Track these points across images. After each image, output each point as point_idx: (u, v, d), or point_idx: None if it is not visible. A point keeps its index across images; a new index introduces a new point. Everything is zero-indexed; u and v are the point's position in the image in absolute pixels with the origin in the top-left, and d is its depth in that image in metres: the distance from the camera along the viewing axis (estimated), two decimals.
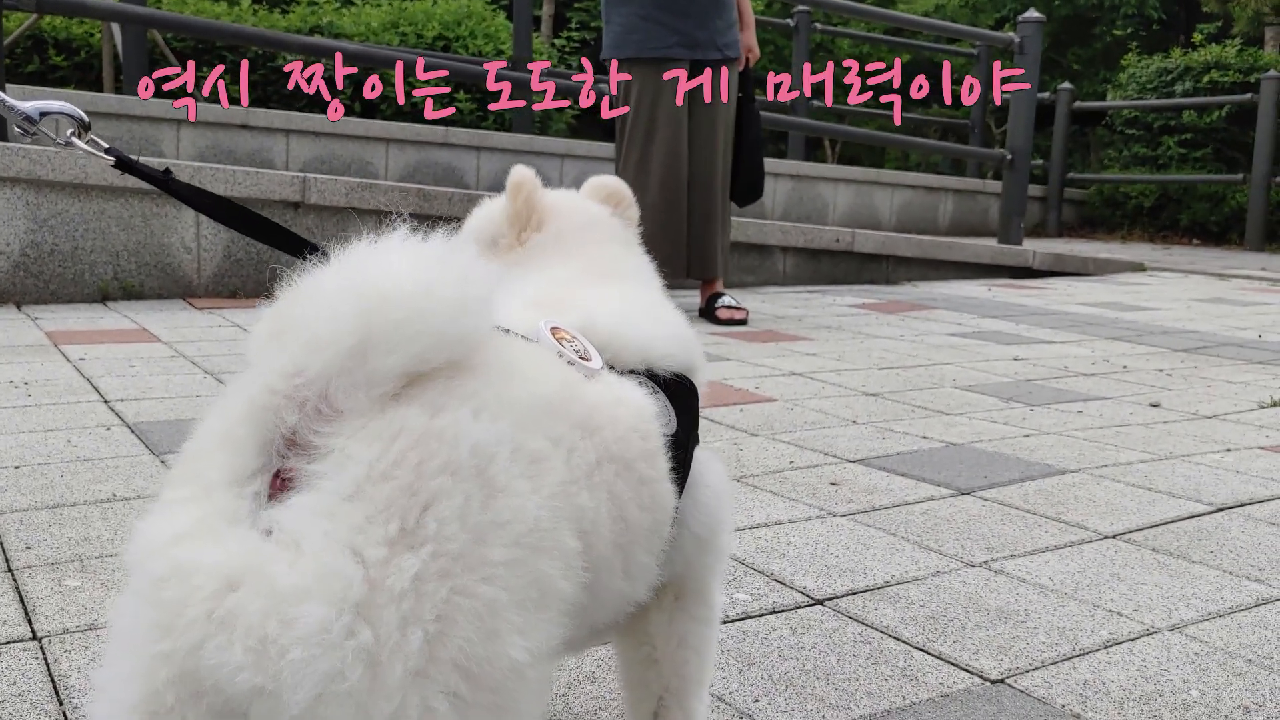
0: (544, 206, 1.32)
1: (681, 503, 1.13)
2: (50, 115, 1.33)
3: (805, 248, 6.89)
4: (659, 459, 1.06)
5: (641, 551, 1.04)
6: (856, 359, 4.30)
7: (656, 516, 1.05)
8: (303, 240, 1.22)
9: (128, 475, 2.41)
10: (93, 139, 1.35)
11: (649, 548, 1.05)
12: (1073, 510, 2.42)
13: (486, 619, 0.80)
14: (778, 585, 1.93)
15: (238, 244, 5.25)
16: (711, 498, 1.19)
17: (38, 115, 1.32)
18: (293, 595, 0.76)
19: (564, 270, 1.26)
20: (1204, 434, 3.20)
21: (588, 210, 1.36)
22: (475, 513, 0.81)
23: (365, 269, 0.84)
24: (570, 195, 1.39)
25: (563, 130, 11.35)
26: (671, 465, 1.08)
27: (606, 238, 1.33)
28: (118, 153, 1.33)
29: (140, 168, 1.32)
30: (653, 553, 1.07)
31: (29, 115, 1.31)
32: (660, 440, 1.07)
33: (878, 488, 2.55)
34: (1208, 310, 6.32)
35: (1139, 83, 12.76)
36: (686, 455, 1.14)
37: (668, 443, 1.08)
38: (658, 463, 1.06)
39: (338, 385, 0.81)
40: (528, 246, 1.30)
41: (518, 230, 1.30)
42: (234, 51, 9.75)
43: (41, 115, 1.32)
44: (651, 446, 1.05)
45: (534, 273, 1.27)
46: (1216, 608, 1.90)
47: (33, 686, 1.47)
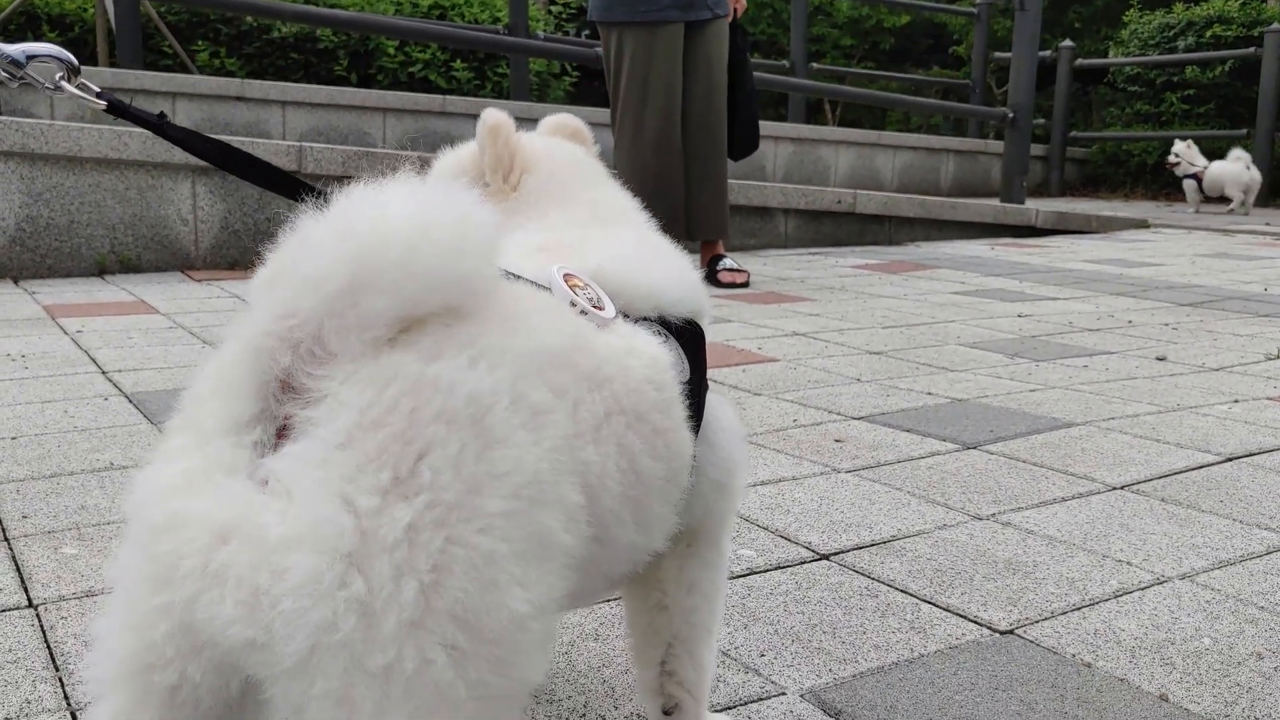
0: (525, 149, 1.27)
1: (698, 449, 1.10)
2: (38, 58, 1.29)
3: (807, 210, 6.85)
4: (675, 408, 1.03)
5: (657, 503, 1.01)
6: (860, 318, 4.27)
7: (673, 466, 1.03)
8: (299, 182, 1.18)
9: (125, 444, 2.39)
10: (83, 83, 1.31)
11: (665, 498, 1.03)
12: (1080, 462, 2.39)
13: (484, 570, 0.78)
14: (783, 541, 1.91)
15: (235, 215, 5.21)
16: (727, 440, 1.16)
17: (24, 59, 1.28)
18: (283, 545, 0.74)
19: (566, 214, 1.22)
20: (1211, 386, 3.17)
21: (569, 151, 1.31)
22: (471, 462, 0.79)
23: (360, 210, 0.81)
24: (545, 137, 1.33)
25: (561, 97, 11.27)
26: (687, 413, 1.06)
27: (599, 179, 1.29)
28: (110, 97, 1.29)
29: (134, 111, 1.29)
30: (670, 502, 1.04)
31: (15, 59, 1.27)
32: (676, 389, 1.04)
33: (882, 444, 2.52)
34: (1212, 265, 6.28)
35: (1141, 39, 12.66)
36: (700, 401, 1.11)
37: (683, 391, 1.05)
38: (673, 412, 1.03)
39: (330, 327, 0.78)
40: (522, 191, 1.27)
41: (503, 174, 1.25)
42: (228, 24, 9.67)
43: (29, 59, 1.28)
44: (666, 396, 1.02)
45: (534, 218, 1.23)
46: (1227, 556, 1.88)
47: (29, 653, 1.45)
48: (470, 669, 0.77)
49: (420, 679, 0.75)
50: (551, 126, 1.36)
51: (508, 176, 1.24)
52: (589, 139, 1.36)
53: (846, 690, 1.41)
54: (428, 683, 0.76)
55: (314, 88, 8.61)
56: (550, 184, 1.25)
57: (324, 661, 0.74)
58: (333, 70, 9.87)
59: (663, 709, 1.21)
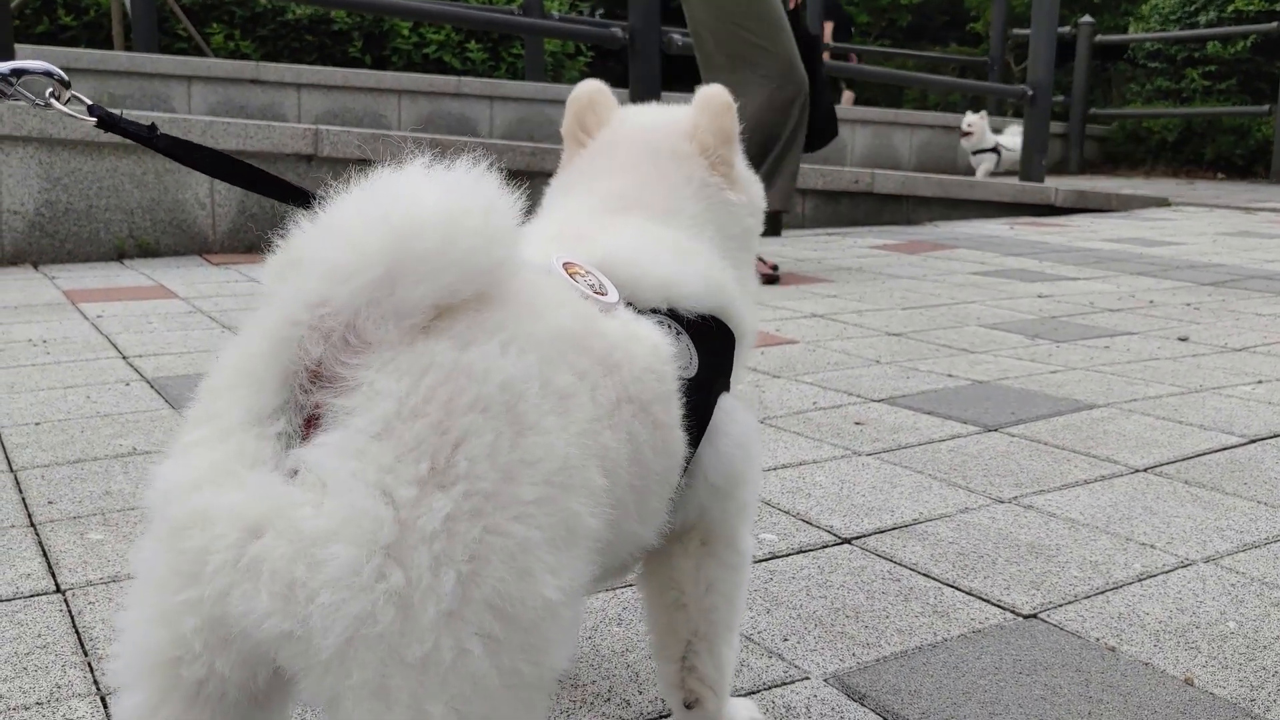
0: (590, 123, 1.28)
1: (701, 451, 1.09)
2: (29, 75, 1.27)
3: (824, 190, 6.81)
4: (672, 403, 1.02)
5: (654, 496, 1.02)
6: (878, 299, 4.25)
7: (667, 463, 1.03)
8: (293, 187, 1.18)
9: (147, 429, 2.40)
10: (75, 96, 1.29)
11: (660, 493, 1.03)
12: (1102, 445, 2.38)
13: (519, 558, 0.78)
14: (804, 525, 1.91)
15: (252, 199, 5.22)
16: (733, 448, 1.13)
17: (13, 76, 1.26)
18: (320, 537, 0.73)
19: (585, 200, 1.22)
20: (1234, 366, 3.15)
21: (633, 128, 1.28)
22: (506, 450, 0.79)
23: (392, 197, 0.80)
24: (628, 110, 1.31)
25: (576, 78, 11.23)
26: (688, 410, 1.05)
27: (641, 161, 1.24)
28: (100, 110, 1.27)
29: (123, 124, 1.26)
30: (662, 498, 1.04)
31: (3, 75, 1.25)
32: (674, 383, 1.03)
33: (903, 426, 2.51)
34: (1234, 244, 6.22)
35: (1161, 14, 12.52)
36: (708, 400, 1.10)
37: (684, 386, 1.04)
38: (671, 407, 1.02)
39: (367, 316, 0.78)
40: (569, 167, 1.27)
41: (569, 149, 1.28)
42: (242, 6, 9.66)
43: (19, 75, 1.26)
44: (666, 389, 1.02)
45: (568, 198, 1.24)
46: (1252, 539, 1.87)
47: (57, 639, 1.47)
48: (505, 657, 0.77)
49: (457, 669, 0.75)
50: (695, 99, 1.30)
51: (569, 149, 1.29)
52: (713, 110, 1.25)
53: (870, 674, 1.41)
54: (464, 672, 0.76)
55: (329, 70, 8.60)
56: (589, 162, 1.26)
57: (361, 653, 0.74)
58: (347, 52, 9.86)
59: (684, 703, 1.21)
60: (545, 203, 1.28)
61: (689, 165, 1.24)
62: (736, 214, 1.26)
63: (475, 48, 10.34)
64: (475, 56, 10.30)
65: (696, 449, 1.09)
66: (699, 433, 1.08)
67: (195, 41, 9.22)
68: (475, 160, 0.86)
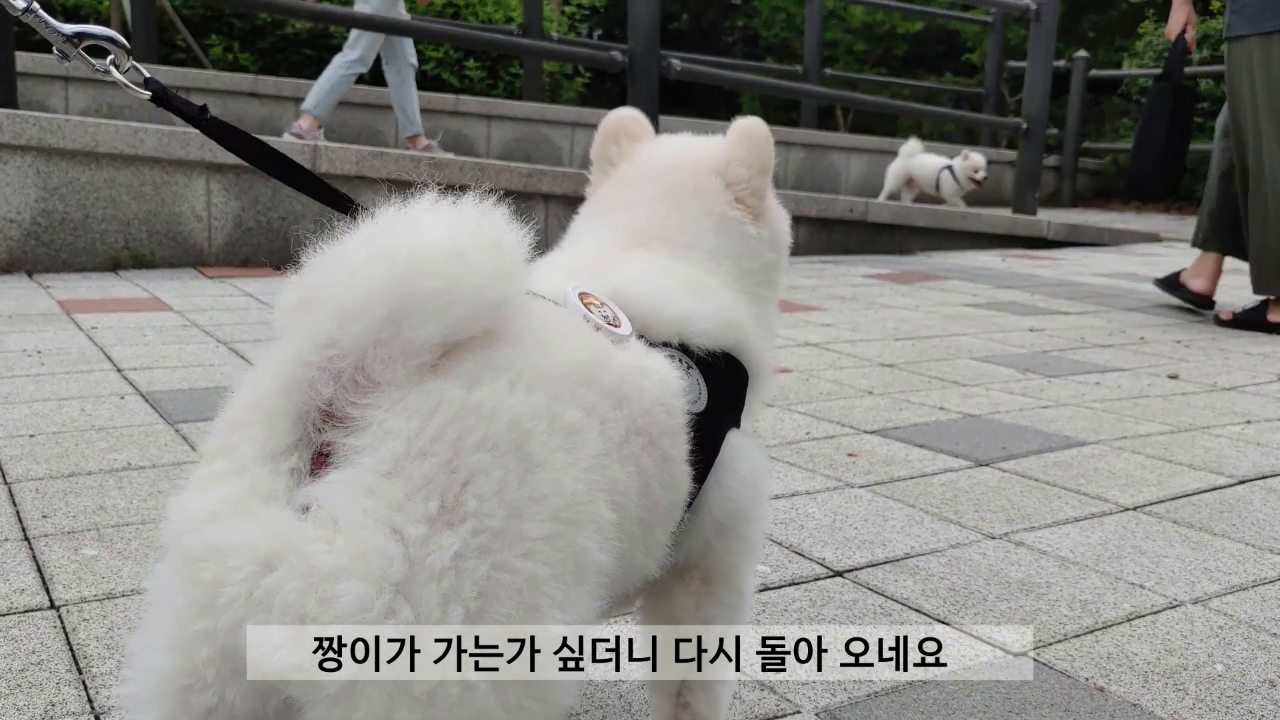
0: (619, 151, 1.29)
1: (707, 486, 1.10)
2: (91, 39, 1.29)
3: (818, 218, 6.85)
4: (680, 437, 1.03)
5: (659, 529, 1.02)
6: (871, 329, 4.27)
7: (673, 498, 1.03)
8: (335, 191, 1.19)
9: (142, 444, 2.41)
10: (135, 66, 1.30)
11: (666, 527, 1.04)
12: (1093, 482, 2.40)
13: (527, 594, 0.79)
14: (796, 556, 1.92)
15: (249, 213, 5.23)
16: (740, 486, 1.14)
17: (76, 39, 1.28)
18: (332, 573, 0.75)
19: (607, 232, 1.23)
20: (1223, 406, 3.17)
21: (656, 160, 1.28)
22: (514, 488, 0.80)
23: (396, 235, 0.81)
24: (658, 141, 1.32)
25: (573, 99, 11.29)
26: (695, 444, 1.05)
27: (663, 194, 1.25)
28: (156, 85, 1.29)
29: (177, 102, 1.29)
30: (667, 531, 1.05)
31: (70, 37, 1.28)
32: (683, 417, 1.04)
33: (895, 459, 2.53)
34: (1224, 282, 6.25)
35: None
36: (715, 435, 1.11)
37: (692, 420, 1.05)
38: (679, 441, 1.03)
39: (374, 356, 0.79)
40: (596, 194, 1.29)
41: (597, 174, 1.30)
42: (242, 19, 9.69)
43: (81, 39, 1.28)
44: (675, 423, 1.02)
45: (592, 227, 1.26)
46: (1240, 581, 1.89)
47: (52, 655, 1.47)
48: (510, 694, 0.78)
49: (463, 705, 0.76)
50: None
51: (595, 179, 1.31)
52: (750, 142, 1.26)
53: (861, 710, 1.42)
54: (470, 708, 0.77)
55: None
56: (609, 194, 1.28)
57: (369, 687, 0.75)
58: None
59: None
60: (572, 228, 1.29)
61: (711, 199, 1.25)
62: (756, 248, 1.26)
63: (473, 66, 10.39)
64: (473, 74, 10.34)
65: (703, 484, 1.10)
66: (706, 468, 1.09)
67: (194, 53, 9.25)
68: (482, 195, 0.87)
